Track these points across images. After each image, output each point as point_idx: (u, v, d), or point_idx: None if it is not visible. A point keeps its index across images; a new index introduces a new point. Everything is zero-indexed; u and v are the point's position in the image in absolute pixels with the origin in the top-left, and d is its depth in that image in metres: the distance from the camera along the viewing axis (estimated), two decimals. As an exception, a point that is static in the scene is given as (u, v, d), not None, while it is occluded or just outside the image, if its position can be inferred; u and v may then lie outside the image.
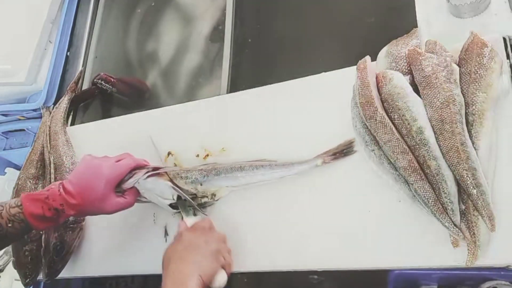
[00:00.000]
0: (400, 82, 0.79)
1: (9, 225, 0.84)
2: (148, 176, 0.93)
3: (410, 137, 0.75)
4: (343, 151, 0.86)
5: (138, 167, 0.94)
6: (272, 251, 0.88)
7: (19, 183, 1.22)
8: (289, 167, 0.89)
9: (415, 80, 0.79)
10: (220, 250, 0.85)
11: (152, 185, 0.94)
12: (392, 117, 0.78)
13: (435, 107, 0.75)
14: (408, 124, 0.75)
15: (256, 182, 0.92)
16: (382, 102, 0.80)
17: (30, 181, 1.22)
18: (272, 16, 1.25)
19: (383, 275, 0.79)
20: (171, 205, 0.96)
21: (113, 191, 0.90)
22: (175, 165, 1.06)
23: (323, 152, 0.88)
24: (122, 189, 0.92)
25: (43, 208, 0.85)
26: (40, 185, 1.23)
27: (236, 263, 0.89)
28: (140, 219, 1.05)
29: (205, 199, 0.96)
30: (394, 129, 0.76)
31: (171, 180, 0.95)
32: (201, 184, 0.95)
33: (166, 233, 1.00)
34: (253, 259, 0.89)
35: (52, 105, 1.37)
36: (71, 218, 1.10)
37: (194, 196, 0.97)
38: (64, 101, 1.35)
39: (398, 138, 0.76)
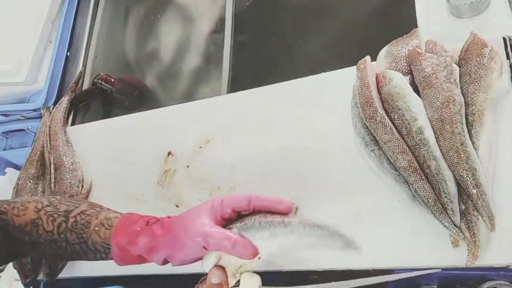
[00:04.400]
0: (400, 82, 0.79)
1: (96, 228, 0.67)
2: None
3: (410, 137, 0.75)
4: None
5: None
6: (272, 251, 0.88)
7: (19, 183, 1.22)
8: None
9: (415, 80, 0.79)
10: None
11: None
12: (392, 117, 0.78)
13: (435, 107, 0.75)
14: (408, 124, 0.75)
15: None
16: (382, 102, 0.80)
17: (30, 181, 1.22)
18: (272, 16, 1.25)
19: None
20: None
21: None
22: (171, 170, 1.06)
23: None
24: None
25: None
26: (40, 185, 1.23)
27: (236, 263, 0.89)
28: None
29: None
30: (394, 129, 0.76)
31: None
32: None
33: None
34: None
35: (52, 105, 1.37)
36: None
37: None
38: (64, 101, 1.35)
39: (398, 138, 0.76)
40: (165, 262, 0.66)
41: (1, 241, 0.67)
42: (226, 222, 0.64)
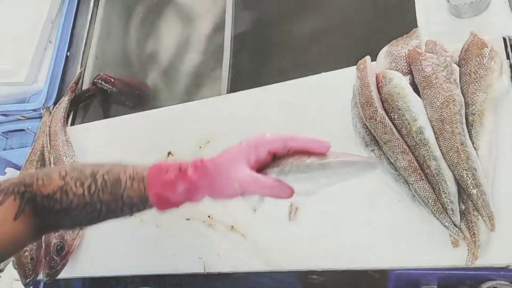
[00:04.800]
0: (400, 82, 0.79)
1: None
2: None
3: (410, 137, 0.75)
4: None
5: None
6: (272, 251, 0.88)
7: (19, 183, 1.22)
8: None
9: (415, 80, 0.79)
10: None
11: None
12: (392, 117, 0.78)
13: (435, 107, 0.75)
14: (408, 124, 0.75)
15: None
16: (382, 102, 0.80)
17: (30, 181, 1.22)
18: (272, 16, 1.25)
19: (383, 275, 0.79)
20: None
21: None
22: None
23: None
24: None
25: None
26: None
27: (236, 264, 0.89)
28: (140, 219, 1.05)
29: None
30: (394, 129, 0.76)
31: None
32: None
33: (166, 233, 1.00)
34: (253, 259, 0.89)
35: (52, 105, 1.37)
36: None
37: None
38: (64, 101, 1.35)
39: (398, 138, 0.76)
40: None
41: (29, 216, 0.65)
42: (262, 166, 0.63)
